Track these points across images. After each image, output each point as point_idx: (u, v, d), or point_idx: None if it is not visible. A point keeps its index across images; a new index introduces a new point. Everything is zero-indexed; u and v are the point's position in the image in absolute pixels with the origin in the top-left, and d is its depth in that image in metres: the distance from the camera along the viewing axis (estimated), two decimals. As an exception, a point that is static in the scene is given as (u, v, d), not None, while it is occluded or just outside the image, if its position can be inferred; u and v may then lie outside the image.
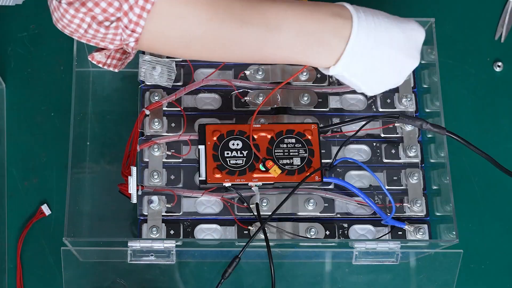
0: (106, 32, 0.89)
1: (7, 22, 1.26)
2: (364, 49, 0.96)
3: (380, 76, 1.00)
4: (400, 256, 1.07)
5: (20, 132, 1.21)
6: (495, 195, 1.24)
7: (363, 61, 0.97)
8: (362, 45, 0.96)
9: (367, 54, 0.96)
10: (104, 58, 0.97)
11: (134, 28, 0.89)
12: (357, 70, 0.97)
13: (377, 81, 1.00)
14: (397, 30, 0.98)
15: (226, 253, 1.12)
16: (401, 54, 0.98)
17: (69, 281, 1.10)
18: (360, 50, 0.96)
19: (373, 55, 0.97)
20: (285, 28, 0.94)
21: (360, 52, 0.96)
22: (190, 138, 1.10)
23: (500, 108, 1.28)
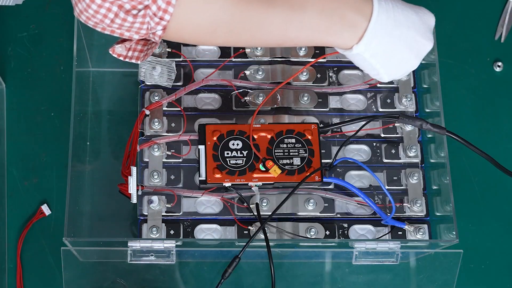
0: (133, 21, 0.88)
1: (7, 22, 1.26)
2: (385, 28, 0.97)
3: (399, 58, 1.00)
4: (400, 256, 1.07)
5: (20, 132, 1.21)
6: (495, 195, 1.24)
7: (384, 41, 0.98)
8: (384, 24, 0.97)
9: (388, 33, 0.97)
10: (125, 51, 0.96)
11: (163, 16, 0.88)
12: (378, 50, 0.98)
13: (395, 63, 1.01)
14: (411, 12, 0.99)
15: (226, 253, 1.12)
16: (418, 35, 0.99)
17: (69, 281, 1.10)
18: (382, 28, 0.97)
19: (393, 35, 0.97)
20: (309, 7, 0.94)
21: (382, 31, 0.97)
22: (190, 138, 1.10)
23: (500, 108, 1.28)
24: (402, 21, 0.98)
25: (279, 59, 1.15)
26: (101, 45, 1.20)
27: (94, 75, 1.22)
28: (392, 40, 0.98)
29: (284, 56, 1.15)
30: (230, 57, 1.15)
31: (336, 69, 1.15)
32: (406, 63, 1.01)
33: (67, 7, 1.27)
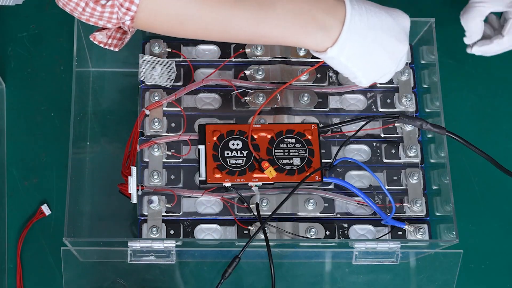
0: (102, 11, 0.90)
1: (7, 22, 1.26)
2: (359, 31, 0.97)
3: (375, 61, 1.00)
4: (400, 256, 1.07)
5: (20, 132, 1.21)
6: (495, 195, 1.24)
7: (359, 44, 0.97)
8: (358, 27, 0.97)
9: (362, 36, 0.97)
10: (105, 38, 0.98)
11: (129, 6, 0.89)
12: (353, 53, 0.98)
13: (372, 66, 1.00)
14: (386, 15, 0.99)
15: (226, 253, 1.12)
16: (392, 37, 0.99)
17: (69, 281, 1.10)
18: (356, 32, 0.96)
19: (367, 38, 0.97)
20: (279, 5, 0.94)
21: (356, 34, 0.97)
22: (190, 138, 1.10)
23: (500, 108, 1.28)
24: (376, 24, 0.98)
25: (279, 59, 1.15)
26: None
27: (94, 75, 1.22)
28: (366, 43, 0.98)
29: (284, 56, 1.15)
30: (230, 57, 1.15)
31: (336, 69, 1.15)
32: (382, 66, 1.01)
33: (67, 7, 1.27)
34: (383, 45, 0.99)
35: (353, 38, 0.97)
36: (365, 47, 0.98)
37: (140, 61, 1.12)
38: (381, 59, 1.00)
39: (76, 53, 1.12)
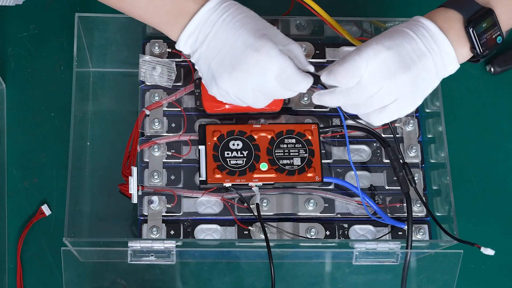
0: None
1: (7, 22, 1.26)
2: (203, 34, 0.97)
3: (208, 75, 0.99)
4: (400, 256, 1.07)
5: (20, 132, 1.21)
6: (495, 195, 1.24)
7: (200, 48, 0.98)
8: (205, 28, 0.97)
9: (204, 40, 0.97)
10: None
11: None
12: (196, 56, 0.98)
13: (208, 78, 0.99)
14: (237, 38, 0.97)
15: (226, 253, 1.12)
16: (227, 59, 0.97)
17: (69, 281, 1.10)
18: (203, 31, 0.97)
19: (209, 47, 0.97)
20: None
21: (202, 34, 0.97)
22: (190, 138, 1.10)
23: (500, 108, 1.28)
24: (226, 37, 0.97)
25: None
26: (101, 45, 1.20)
27: (94, 75, 1.22)
28: (211, 49, 0.97)
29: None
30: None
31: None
32: (218, 78, 0.99)
33: (67, 7, 1.27)
34: (222, 60, 0.97)
35: (198, 40, 0.97)
36: (210, 53, 0.98)
37: (140, 61, 1.12)
38: (219, 72, 0.98)
39: (76, 53, 1.12)
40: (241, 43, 0.96)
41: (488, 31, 0.99)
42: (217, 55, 0.97)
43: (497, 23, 0.99)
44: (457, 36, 0.98)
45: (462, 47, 0.99)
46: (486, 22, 0.98)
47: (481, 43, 0.98)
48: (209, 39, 0.97)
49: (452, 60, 0.99)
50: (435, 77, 0.99)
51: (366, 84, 0.96)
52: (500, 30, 1.00)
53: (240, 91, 0.98)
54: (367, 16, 1.19)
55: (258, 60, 0.95)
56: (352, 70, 0.96)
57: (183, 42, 0.98)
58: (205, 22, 0.97)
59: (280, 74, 0.96)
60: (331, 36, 1.18)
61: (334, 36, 1.16)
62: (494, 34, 0.99)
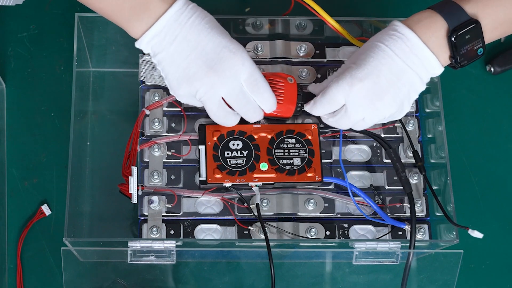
0: None
1: (7, 22, 1.26)
2: (172, 35, 0.97)
3: (175, 76, 0.99)
4: (400, 256, 1.07)
5: (20, 132, 1.21)
6: (495, 195, 1.24)
7: (168, 49, 0.98)
8: (173, 29, 0.97)
9: (173, 41, 0.97)
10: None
11: None
12: (161, 57, 0.98)
13: (175, 78, 1.00)
14: (209, 39, 0.98)
15: (226, 253, 1.12)
16: (200, 60, 0.98)
17: (69, 281, 1.09)
18: (171, 32, 0.97)
19: (178, 48, 0.98)
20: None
21: (170, 35, 0.97)
22: (190, 138, 1.10)
23: (500, 108, 1.28)
24: (192, 38, 0.97)
25: (279, 59, 1.15)
26: (101, 45, 1.20)
27: (94, 75, 1.22)
28: (175, 52, 0.98)
29: (285, 56, 1.15)
30: (230, 57, 1.14)
31: (336, 69, 1.15)
32: (178, 84, 1.00)
33: (67, 7, 1.27)
34: (187, 64, 0.98)
35: (163, 42, 0.97)
36: (172, 56, 0.98)
37: (140, 61, 1.12)
38: (181, 76, 0.99)
39: (76, 53, 1.12)
40: (214, 44, 0.98)
41: (470, 42, 0.99)
42: (189, 56, 0.98)
43: (480, 36, 0.99)
44: (438, 44, 0.99)
45: (442, 54, 1.00)
46: (470, 34, 0.99)
47: (461, 53, 0.99)
48: (179, 40, 0.97)
49: (435, 66, 1.00)
50: (419, 84, 1.02)
51: (352, 114, 1.02)
52: (483, 43, 1.00)
53: (209, 94, 0.99)
54: (367, 16, 1.19)
55: (234, 62, 0.98)
56: (332, 102, 1.03)
57: (146, 41, 0.98)
58: (173, 22, 0.97)
59: (248, 78, 1.00)
60: (331, 36, 1.18)
61: (334, 36, 1.16)
62: (475, 46, 1.00)
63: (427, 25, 0.99)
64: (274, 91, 1.07)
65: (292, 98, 1.07)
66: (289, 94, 1.07)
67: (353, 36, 1.13)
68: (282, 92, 1.07)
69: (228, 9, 1.28)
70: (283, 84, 1.08)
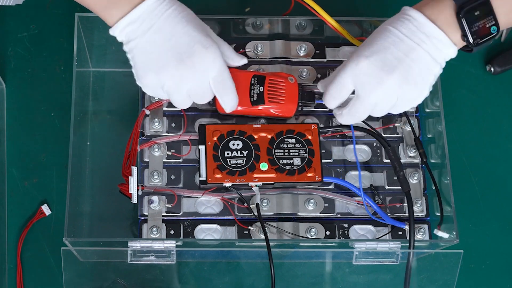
0: None
1: (7, 22, 1.26)
2: (147, 24, 0.97)
3: (144, 65, 0.99)
4: (400, 256, 1.07)
5: (20, 132, 1.21)
6: (495, 195, 1.24)
7: (142, 37, 0.98)
8: (150, 19, 0.97)
9: (148, 30, 0.97)
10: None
11: None
12: (133, 44, 0.98)
13: (142, 67, 0.99)
14: (184, 33, 0.98)
15: (226, 253, 1.12)
16: (171, 52, 0.98)
17: (69, 281, 1.09)
18: (147, 22, 0.97)
19: (151, 38, 0.98)
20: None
21: (146, 24, 0.97)
22: (190, 138, 1.10)
23: (500, 108, 1.28)
24: (167, 31, 0.97)
25: (279, 59, 1.15)
26: (101, 45, 1.20)
27: (94, 75, 1.22)
28: (149, 42, 0.98)
29: (285, 56, 1.15)
30: (230, 57, 1.14)
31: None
32: (145, 73, 1.00)
33: (67, 7, 1.27)
34: (159, 56, 0.98)
35: (137, 30, 0.97)
36: (145, 46, 0.98)
37: (140, 61, 1.12)
38: (149, 67, 0.99)
39: (76, 53, 1.12)
40: (189, 38, 0.98)
41: (480, 19, 0.97)
42: (161, 47, 0.98)
43: (492, 12, 0.97)
44: (447, 22, 0.98)
45: (453, 34, 0.98)
46: (479, 10, 0.97)
47: (472, 31, 0.97)
48: (154, 30, 0.98)
49: (446, 44, 0.98)
50: (432, 63, 0.99)
51: (363, 96, 0.99)
52: (495, 20, 0.98)
53: (176, 86, 0.99)
54: (367, 16, 1.19)
55: (205, 57, 0.98)
56: (341, 87, 1.00)
57: (121, 28, 0.98)
58: (150, 12, 0.97)
59: (217, 76, 0.99)
60: (331, 36, 1.18)
61: (334, 36, 1.16)
62: (488, 23, 0.98)
63: (434, 5, 0.98)
64: (275, 91, 1.07)
65: (293, 98, 1.07)
66: (290, 93, 1.07)
67: (353, 36, 1.13)
68: (283, 92, 1.07)
69: (228, 9, 1.28)
70: (284, 84, 1.08)
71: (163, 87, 1.00)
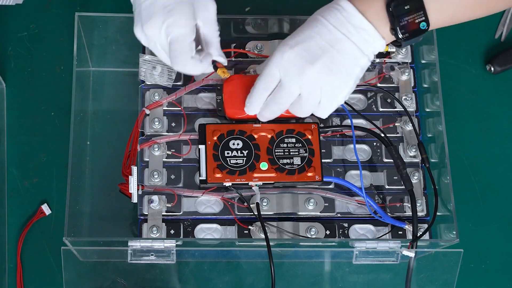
0: None
1: (7, 22, 1.26)
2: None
3: (150, 4, 1.00)
4: (400, 256, 1.07)
5: (20, 132, 1.21)
6: (495, 195, 1.24)
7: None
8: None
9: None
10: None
11: None
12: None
13: (147, 7, 1.00)
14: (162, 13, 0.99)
15: (226, 253, 1.12)
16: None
17: (69, 281, 1.10)
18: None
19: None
20: None
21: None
22: (190, 137, 1.10)
23: (500, 108, 1.28)
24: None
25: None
26: (101, 45, 1.20)
27: (94, 74, 1.22)
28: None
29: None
30: (230, 57, 1.15)
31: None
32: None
33: (67, 7, 1.27)
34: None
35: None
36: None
37: (140, 60, 1.12)
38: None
39: (76, 53, 1.12)
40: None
41: (410, 14, 0.97)
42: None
43: (422, 8, 0.98)
44: (377, 15, 0.98)
45: (382, 27, 0.98)
46: (409, 4, 0.97)
47: (401, 25, 0.97)
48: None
49: (374, 36, 0.98)
50: (359, 54, 0.99)
51: (285, 85, 1.00)
52: (426, 16, 0.98)
53: (183, 24, 0.99)
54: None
55: (179, 15, 0.99)
56: (268, 77, 1.01)
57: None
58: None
59: (174, 40, 1.00)
60: (331, 36, 1.18)
61: (334, 35, 1.16)
62: (417, 19, 0.98)
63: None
64: None
65: None
66: None
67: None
68: None
69: (228, 9, 1.28)
70: None
71: (167, 29, 0.99)
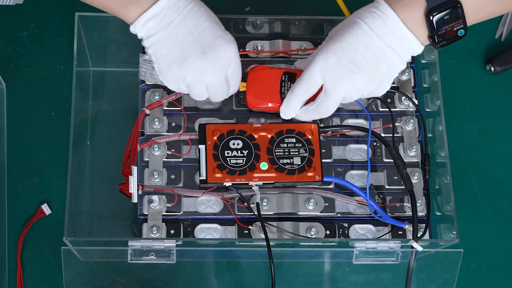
0: None
1: (7, 22, 1.26)
2: (169, 18, 0.99)
3: (167, 59, 1.01)
4: (400, 256, 1.07)
5: (20, 132, 1.21)
6: (495, 195, 1.24)
7: (164, 31, 0.99)
8: (172, 13, 0.99)
9: (170, 24, 0.99)
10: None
11: None
12: (155, 39, 1.00)
13: (166, 61, 1.01)
14: (207, 27, 1.00)
15: (226, 253, 1.12)
16: (195, 45, 1.00)
17: (70, 281, 1.10)
18: (169, 15, 0.99)
19: (173, 32, 0.99)
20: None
21: (168, 18, 0.99)
22: (190, 137, 1.10)
23: (500, 108, 1.28)
24: (188, 26, 0.99)
25: (279, 58, 1.15)
26: (101, 45, 1.20)
27: (94, 74, 1.22)
28: (169, 36, 0.99)
29: (285, 56, 1.15)
30: (231, 56, 1.14)
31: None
32: (169, 67, 1.02)
33: (67, 7, 1.27)
34: (182, 48, 1.00)
35: (158, 24, 0.99)
36: (167, 40, 1.00)
37: (140, 60, 1.12)
38: (173, 61, 1.01)
39: (76, 53, 1.12)
40: (211, 32, 1.00)
41: (449, 23, 0.98)
42: (184, 40, 1.00)
43: (461, 17, 0.99)
44: (417, 24, 0.99)
45: (421, 34, 1.00)
46: (449, 14, 0.98)
47: (439, 33, 0.99)
48: (176, 24, 0.99)
49: (414, 45, 1.00)
50: (399, 63, 1.01)
51: (329, 92, 1.02)
52: (464, 24, 0.99)
53: (198, 78, 1.02)
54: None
55: (227, 52, 1.01)
56: (310, 81, 1.03)
57: (142, 23, 0.99)
58: (171, 7, 0.99)
59: (233, 69, 1.03)
60: (331, 36, 1.18)
61: (334, 35, 1.16)
62: (456, 27, 0.99)
63: (407, 4, 0.99)
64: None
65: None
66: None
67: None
68: None
69: (228, 8, 1.28)
70: None
71: (184, 79, 1.02)
